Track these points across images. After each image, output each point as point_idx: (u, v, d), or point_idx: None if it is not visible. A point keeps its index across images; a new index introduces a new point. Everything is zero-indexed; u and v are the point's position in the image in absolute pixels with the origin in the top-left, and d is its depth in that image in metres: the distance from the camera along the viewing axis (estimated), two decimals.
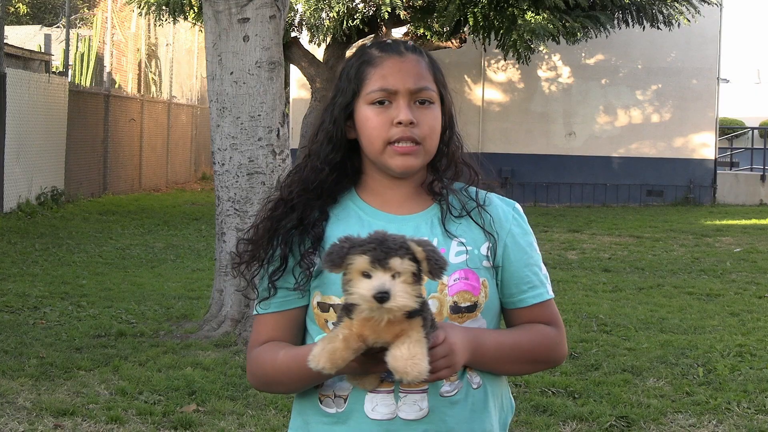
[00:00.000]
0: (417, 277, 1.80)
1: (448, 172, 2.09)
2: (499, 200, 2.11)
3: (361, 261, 1.77)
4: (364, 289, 1.76)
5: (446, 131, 2.09)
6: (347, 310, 1.81)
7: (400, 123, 2.00)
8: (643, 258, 11.82)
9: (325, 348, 1.79)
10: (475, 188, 2.10)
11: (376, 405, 1.97)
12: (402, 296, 1.76)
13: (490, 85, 20.43)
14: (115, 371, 6.03)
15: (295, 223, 2.04)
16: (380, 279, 1.76)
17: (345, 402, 2.00)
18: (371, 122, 2.02)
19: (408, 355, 1.77)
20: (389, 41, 2.09)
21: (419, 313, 1.80)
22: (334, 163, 2.07)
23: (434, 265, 1.80)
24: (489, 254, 2.04)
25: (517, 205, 2.13)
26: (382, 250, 1.77)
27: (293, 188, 2.08)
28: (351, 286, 1.79)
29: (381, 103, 2.02)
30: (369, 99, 2.03)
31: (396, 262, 1.77)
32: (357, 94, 2.04)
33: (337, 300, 1.99)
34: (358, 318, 1.79)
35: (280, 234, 2.05)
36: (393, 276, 1.77)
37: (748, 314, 8.21)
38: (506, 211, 2.10)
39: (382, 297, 1.74)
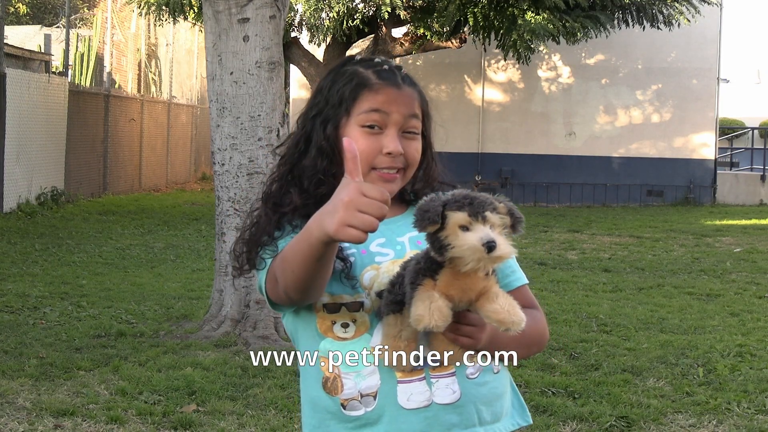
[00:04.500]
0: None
1: (424, 191, 2.12)
2: None
3: (460, 215, 1.82)
4: (473, 239, 1.79)
5: (424, 159, 2.13)
6: (431, 270, 1.84)
7: (389, 153, 2.03)
8: (643, 258, 11.82)
9: (431, 307, 1.82)
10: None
11: (411, 394, 1.98)
12: (505, 245, 1.81)
13: (490, 85, 20.43)
14: (115, 371, 6.03)
15: (299, 223, 2.04)
16: (484, 230, 1.81)
17: (375, 399, 1.98)
18: (359, 144, 2.01)
19: (507, 306, 1.84)
20: (385, 66, 2.10)
21: (493, 271, 1.87)
22: (331, 174, 2.09)
23: (517, 219, 1.87)
24: None
25: None
26: (477, 204, 1.83)
27: (295, 200, 2.07)
28: (452, 241, 1.81)
29: (371, 127, 2.04)
30: (360, 120, 2.05)
31: (490, 216, 1.82)
32: (348, 112, 2.06)
33: (349, 299, 2.00)
34: (447, 275, 1.83)
35: (284, 221, 2.05)
36: (489, 228, 1.83)
37: (748, 314, 8.21)
38: None
39: (491, 246, 1.78)
